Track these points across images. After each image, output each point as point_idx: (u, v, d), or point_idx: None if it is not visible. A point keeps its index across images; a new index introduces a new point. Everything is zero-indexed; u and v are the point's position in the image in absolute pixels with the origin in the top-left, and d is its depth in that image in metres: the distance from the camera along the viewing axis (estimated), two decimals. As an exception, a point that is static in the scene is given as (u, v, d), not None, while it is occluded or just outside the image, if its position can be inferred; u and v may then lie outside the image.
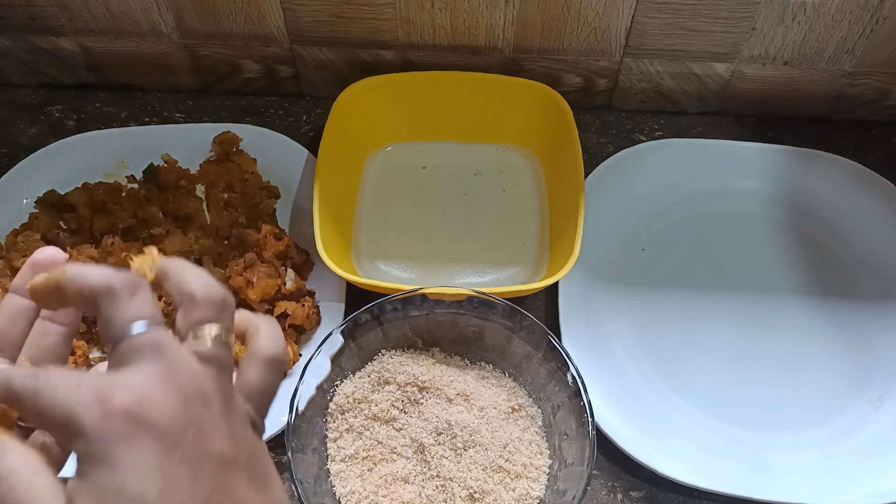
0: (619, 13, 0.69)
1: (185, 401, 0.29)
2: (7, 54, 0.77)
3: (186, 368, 0.30)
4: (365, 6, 0.70)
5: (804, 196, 0.73)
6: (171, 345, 0.30)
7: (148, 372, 0.29)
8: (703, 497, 0.59)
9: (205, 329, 0.32)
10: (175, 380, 0.29)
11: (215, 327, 0.32)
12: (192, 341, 0.31)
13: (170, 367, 0.29)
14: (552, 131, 0.71)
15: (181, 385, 0.29)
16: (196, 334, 0.32)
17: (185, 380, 0.30)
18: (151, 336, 0.30)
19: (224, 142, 0.72)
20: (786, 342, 0.65)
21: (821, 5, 0.68)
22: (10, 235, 0.67)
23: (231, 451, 0.30)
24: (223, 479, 0.29)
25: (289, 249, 0.66)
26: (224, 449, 0.29)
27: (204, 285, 0.32)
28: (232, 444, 0.30)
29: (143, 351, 0.30)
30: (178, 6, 0.71)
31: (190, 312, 0.32)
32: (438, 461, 0.55)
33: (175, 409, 0.29)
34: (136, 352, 0.30)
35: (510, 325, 0.58)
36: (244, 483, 0.30)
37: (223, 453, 0.29)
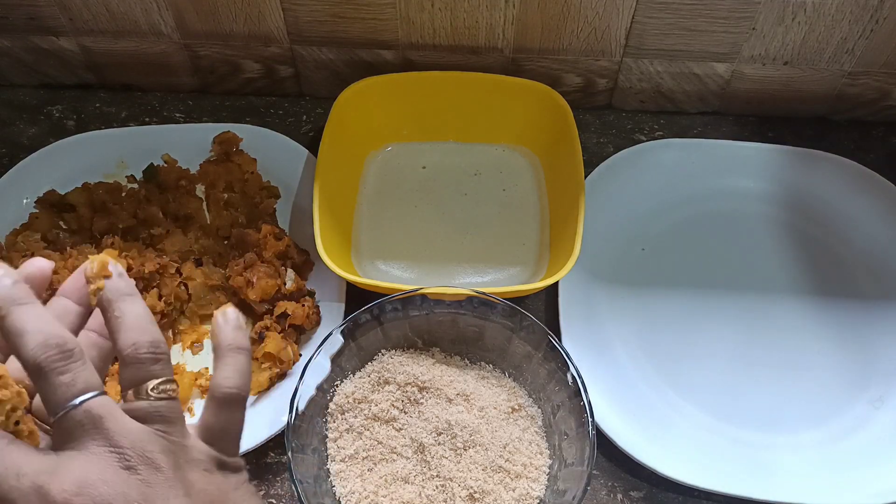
0: (619, 13, 0.69)
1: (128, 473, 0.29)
2: (7, 54, 0.77)
3: (126, 437, 0.30)
4: (365, 6, 0.70)
5: (804, 196, 0.73)
6: (107, 415, 0.30)
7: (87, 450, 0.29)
8: (703, 497, 0.59)
9: (143, 387, 0.32)
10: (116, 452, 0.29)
11: (153, 382, 0.32)
12: (134, 399, 0.31)
13: (108, 441, 0.29)
14: (552, 131, 0.71)
15: (123, 456, 0.29)
16: (136, 393, 0.32)
17: (127, 450, 0.30)
18: (87, 409, 0.30)
19: (224, 142, 0.72)
20: (786, 342, 0.65)
21: (821, 5, 0.68)
22: (10, 235, 0.67)
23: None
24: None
25: (289, 249, 0.66)
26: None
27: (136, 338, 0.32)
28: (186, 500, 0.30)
29: (80, 429, 0.30)
30: (178, 6, 0.71)
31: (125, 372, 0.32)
32: (438, 461, 0.55)
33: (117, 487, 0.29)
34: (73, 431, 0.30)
35: (510, 325, 0.58)
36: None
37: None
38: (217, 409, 0.34)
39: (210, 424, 0.34)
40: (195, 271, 0.65)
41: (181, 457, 0.31)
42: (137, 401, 0.31)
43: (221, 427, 0.34)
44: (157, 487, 0.30)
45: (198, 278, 0.65)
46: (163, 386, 0.32)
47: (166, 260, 0.64)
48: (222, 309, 0.36)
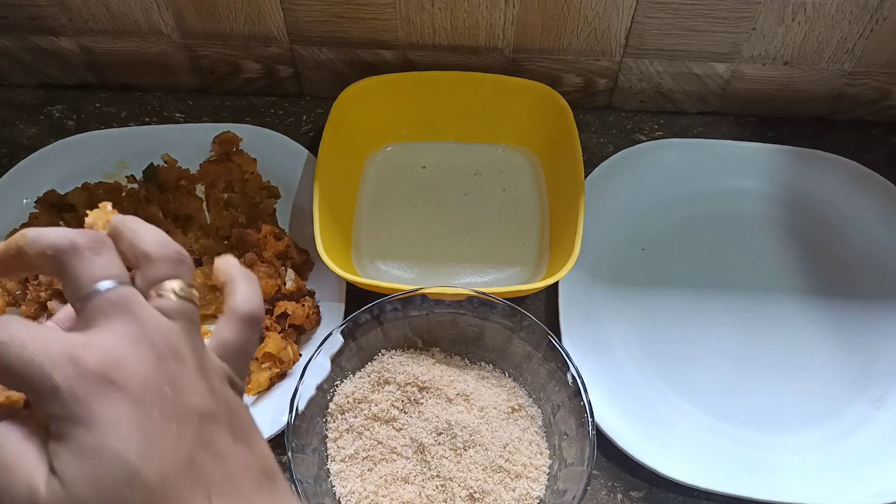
0: (619, 13, 0.69)
1: (158, 359, 0.28)
2: (7, 54, 0.77)
3: (156, 326, 0.29)
4: (365, 6, 0.70)
5: (804, 196, 0.73)
6: (138, 302, 0.30)
7: (118, 331, 0.28)
8: (703, 497, 0.59)
9: (166, 285, 0.31)
10: (146, 338, 0.29)
11: (176, 282, 0.31)
12: (156, 299, 0.31)
13: (139, 326, 0.29)
14: (552, 131, 0.71)
15: (152, 343, 0.29)
16: (158, 291, 0.31)
17: (156, 337, 0.29)
18: (118, 294, 0.29)
19: (224, 142, 0.72)
20: (786, 342, 0.65)
21: (821, 5, 0.68)
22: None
23: (210, 406, 0.29)
24: (205, 433, 0.28)
25: (289, 249, 0.66)
26: (203, 403, 0.29)
27: (158, 242, 0.32)
28: (211, 399, 0.29)
29: (111, 309, 0.29)
30: (178, 6, 0.71)
31: (148, 271, 0.31)
32: (438, 461, 0.55)
33: (149, 367, 0.28)
34: (104, 310, 0.29)
35: (510, 325, 0.58)
36: (226, 437, 0.29)
37: (202, 407, 0.29)
38: (237, 326, 0.34)
39: (227, 341, 0.33)
40: (195, 271, 0.65)
41: (203, 359, 0.31)
42: (161, 299, 0.31)
43: (238, 345, 0.33)
44: (184, 379, 0.29)
45: (198, 278, 0.65)
46: (187, 288, 0.31)
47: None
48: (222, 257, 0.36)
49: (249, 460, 0.30)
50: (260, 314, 0.34)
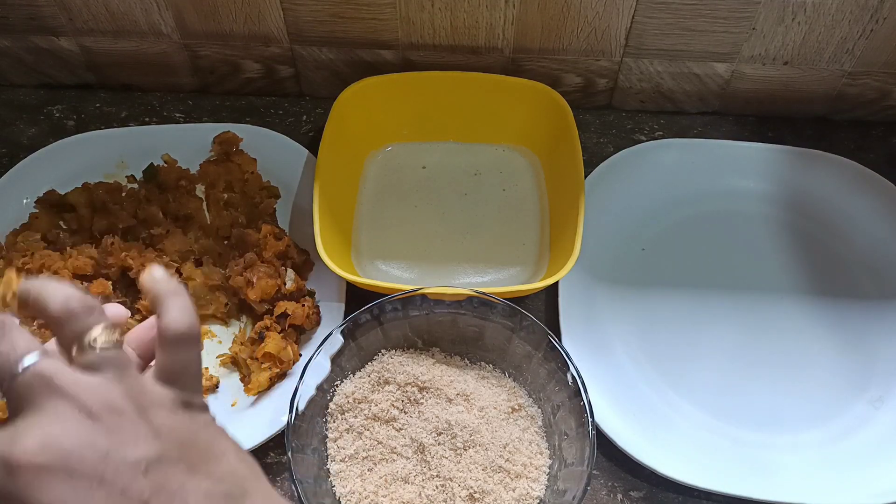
0: (619, 13, 0.69)
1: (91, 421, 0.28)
2: (7, 54, 0.77)
3: (82, 388, 0.29)
4: (365, 6, 0.70)
5: (804, 196, 0.73)
6: (57, 371, 0.29)
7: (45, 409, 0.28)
8: (703, 497, 0.59)
9: (84, 340, 0.31)
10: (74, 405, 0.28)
11: (94, 332, 0.31)
12: (79, 356, 0.31)
13: (64, 396, 0.29)
14: (552, 131, 0.71)
15: (82, 406, 0.28)
16: (80, 348, 0.31)
17: (86, 399, 0.29)
18: (34, 371, 0.29)
19: (224, 142, 0.72)
20: (786, 342, 0.65)
21: (821, 5, 0.68)
22: (10, 235, 0.67)
23: (156, 449, 0.29)
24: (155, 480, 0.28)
25: (289, 249, 0.66)
26: (147, 449, 0.29)
27: (63, 300, 0.31)
28: (155, 443, 0.29)
29: (31, 390, 0.29)
30: (178, 6, 0.71)
31: (62, 333, 0.31)
32: (438, 461, 0.55)
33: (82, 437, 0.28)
34: (26, 393, 0.29)
35: (510, 325, 0.58)
36: (180, 473, 0.29)
37: (147, 454, 0.29)
38: (172, 349, 0.33)
39: (167, 366, 0.33)
40: (195, 271, 0.65)
41: (142, 400, 0.30)
42: (83, 355, 0.30)
43: (179, 367, 0.33)
44: (123, 432, 0.29)
45: (198, 278, 0.65)
46: (104, 334, 0.31)
47: (166, 260, 0.64)
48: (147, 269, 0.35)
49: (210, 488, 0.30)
50: (194, 329, 0.34)
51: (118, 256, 0.64)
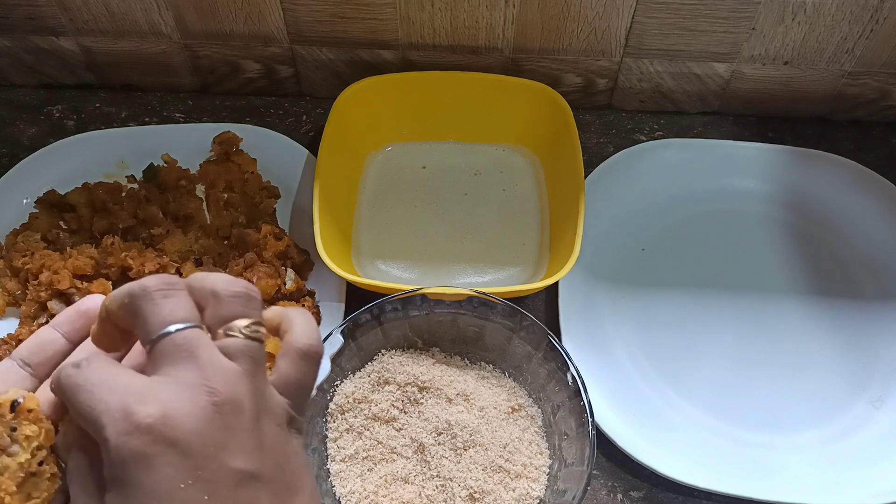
0: (619, 13, 0.69)
1: (214, 410, 0.29)
2: (7, 54, 0.77)
3: (218, 372, 0.30)
4: (365, 6, 0.70)
5: (804, 196, 0.73)
6: (203, 345, 0.30)
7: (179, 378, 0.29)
8: (703, 497, 0.59)
9: (234, 324, 0.31)
10: (205, 386, 0.29)
11: (244, 321, 0.32)
12: (223, 338, 0.31)
13: (201, 372, 0.29)
14: (552, 131, 0.71)
15: (211, 390, 0.29)
16: (226, 330, 0.31)
17: (217, 385, 0.29)
18: (184, 337, 0.30)
19: (224, 142, 0.72)
20: (786, 342, 0.65)
21: (821, 5, 0.68)
22: (10, 235, 0.67)
23: (254, 467, 0.29)
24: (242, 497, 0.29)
25: (289, 249, 0.66)
26: (246, 465, 0.29)
27: (226, 281, 0.32)
28: (257, 458, 0.30)
29: (175, 353, 0.30)
30: (178, 6, 0.71)
31: (216, 309, 0.32)
32: (438, 461, 0.55)
33: (199, 421, 0.28)
34: (169, 354, 0.30)
35: (510, 325, 0.58)
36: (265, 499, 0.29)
37: (244, 470, 0.29)
38: (297, 361, 0.34)
39: (288, 376, 0.33)
40: (195, 271, 0.65)
41: (262, 404, 0.31)
42: (227, 339, 0.31)
43: (299, 380, 0.33)
44: (235, 434, 0.29)
45: (198, 278, 0.65)
46: (254, 326, 0.32)
47: (166, 260, 0.64)
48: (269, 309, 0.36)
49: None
50: (319, 348, 0.34)
51: (118, 256, 0.64)
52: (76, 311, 0.37)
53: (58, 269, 0.62)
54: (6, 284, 0.65)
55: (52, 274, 0.62)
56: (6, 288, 0.65)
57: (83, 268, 0.63)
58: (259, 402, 0.30)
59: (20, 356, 0.35)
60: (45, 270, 0.63)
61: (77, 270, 0.63)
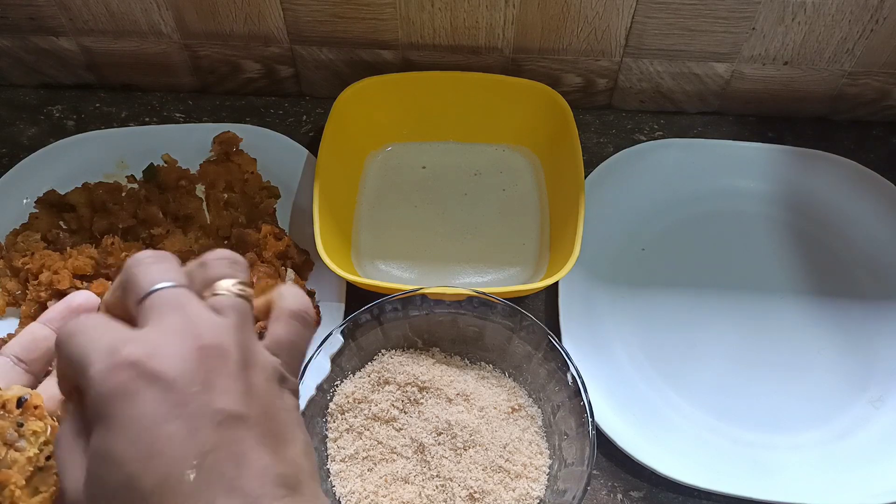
0: (619, 13, 0.69)
1: (197, 352, 0.29)
2: (7, 54, 0.77)
3: (204, 319, 0.30)
4: (365, 6, 0.70)
5: (804, 196, 0.73)
6: (191, 300, 0.31)
7: (165, 324, 0.30)
8: (703, 497, 0.59)
9: (220, 284, 0.32)
10: (191, 331, 0.30)
11: (230, 281, 0.32)
12: (211, 297, 0.32)
13: (187, 319, 0.30)
14: (552, 131, 0.71)
15: (197, 335, 0.29)
16: (213, 291, 0.32)
17: (203, 331, 0.30)
18: (171, 292, 0.31)
19: (224, 142, 0.72)
20: (786, 342, 0.65)
21: (821, 5, 0.68)
22: (10, 235, 0.67)
23: (239, 409, 0.29)
24: (225, 436, 0.29)
25: (289, 249, 0.66)
26: (231, 405, 0.29)
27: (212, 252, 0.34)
28: (243, 401, 0.30)
29: (162, 306, 0.30)
30: (178, 6, 0.71)
31: (202, 272, 0.33)
32: (438, 461, 0.55)
33: (184, 361, 0.29)
34: (156, 307, 0.30)
35: (510, 325, 0.58)
36: (251, 442, 0.29)
37: (229, 410, 0.29)
38: (287, 322, 0.34)
39: (279, 336, 0.34)
40: (195, 271, 0.65)
41: (250, 357, 0.31)
42: (214, 296, 0.32)
43: (291, 340, 0.34)
44: (220, 376, 0.29)
45: (198, 278, 0.65)
46: (241, 285, 0.33)
47: (166, 260, 0.64)
48: None
49: (270, 467, 0.29)
50: (311, 312, 0.35)
51: (118, 256, 0.64)
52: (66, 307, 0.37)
53: (58, 269, 0.62)
54: (6, 284, 0.65)
55: (52, 274, 0.62)
56: (6, 288, 0.65)
57: (83, 268, 0.63)
58: (246, 354, 0.31)
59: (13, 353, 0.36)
60: (45, 270, 0.63)
61: (77, 270, 0.63)
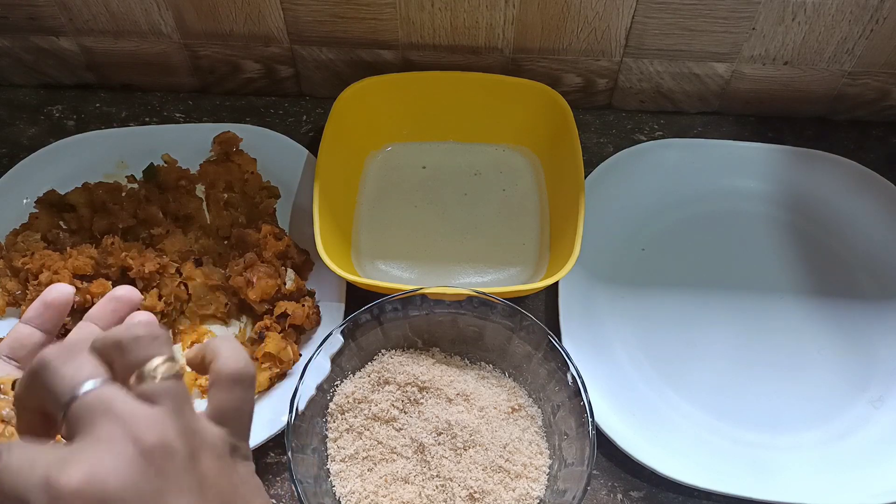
0: (619, 13, 0.69)
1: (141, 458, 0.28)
2: (7, 54, 0.77)
3: (140, 420, 0.28)
4: (365, 6, 0.70)
5: (804, 196, 0.73)
6: (117, 399, 0.29)
7: (100, 437, 0.28)
8: (703, 497, 0.59)
9: (145, 369, 0.30)
10: (129, 436, 0.28)
11: (155, 361, 0.30)
12: (138, 385, 0.30)
13: (122, 425, 0.28)
14: (552, 131, 0.71)
15: (136, 439, 0.28)
16: (138, 378, 0.30)
17: (141, 432, 0.28)
18: (95, 395, 0.29)
19: (224, 142, 0.72)
20: (786, 342, 0.65)
21: (821, 5, 0.68)
22: (10, 235, 0.67)
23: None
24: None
25: (289, 249, 0.66)
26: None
27: (125, 327, 0.31)
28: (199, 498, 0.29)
29: (90, 413, 0.28)
30: (178, 6, 0.71)
31: (123, 359, 0.31)
32: (438, 461, 0.55)
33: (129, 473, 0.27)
34: (84, 416, 0.29)
35: (510, 325, 0.58)
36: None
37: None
38: (228, 387, 0.32)
39: (222, 405, 0.32)
40: (195, 271, 0.65)
41: (195, 440, 0.30)
42: (142, 384, 0.30)
43: (234, 406, 0.32)
44: (170, 479, 0.28)
45: (198, 278, 0.65)
46: (166, 364, 0.30)
47: (166, 260, 0.64)
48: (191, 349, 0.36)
49: None
50: (249, 371, 0.33)
51: (118, 256, 0.64)
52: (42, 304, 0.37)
53: (58, 269, 0.62)
54: (6, 284, 0.65)
55: (52, 274, 0.62)
56: (6, 288, 0.65)
57: (83, 268, 0.63)
58: (191, 440, 0.29)
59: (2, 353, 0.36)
60: (45, 270, 0.63)
61: (77, 270, 0.63)
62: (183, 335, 0.65)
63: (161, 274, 0.64)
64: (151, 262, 0.63)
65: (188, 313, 0.65)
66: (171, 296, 0.63)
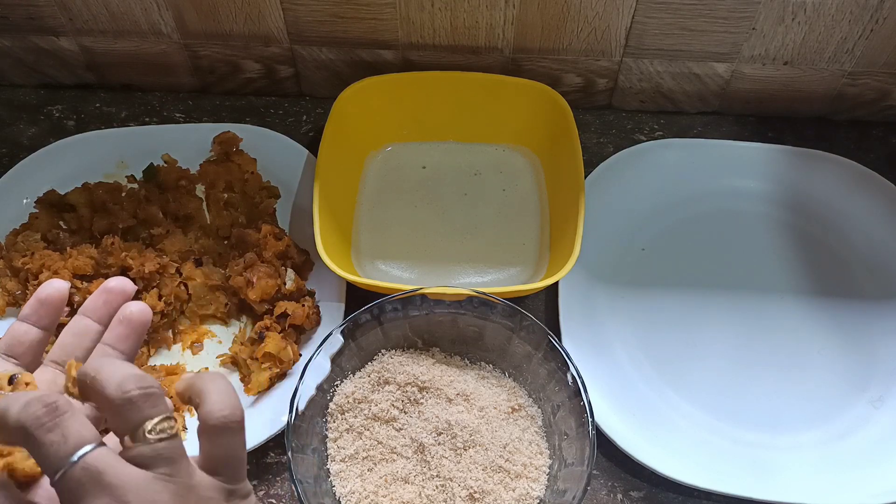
0: (619, 13, 0.69)
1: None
2: (7, 54, 0.77)
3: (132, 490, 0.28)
4: (365, 6, 0.70)
5: (804, 196, 0.73)
6: (109, 468, 0.29)
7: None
8: (703, 497, 0.59)
9: (139, 432, 0.30)
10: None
11: (150, 422, 0.30)
12: (132, 447, 0.30)
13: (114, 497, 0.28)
14: (552, 131, 0.71)
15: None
16: (134, 437, 0.30)
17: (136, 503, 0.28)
18: (83, 467, 0.29)
19: (224, 142, 0.72)
20: (786, 342, 0.65)
21: (821, 5, 0.68)
22: (10, 235, 0.67)
23: None
24: None
25: (289, 249, 0.66)
26: None
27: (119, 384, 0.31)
28: None
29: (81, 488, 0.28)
30: (178, 6, 0.71)
31: (117, 421, 0.30)
32: (438, 461, 0.55)
33: None
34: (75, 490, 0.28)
35: (510, 325, 0.58)
36: None
37: None
38: (216, 437, 0.32)
39: (212, 454, 0.32)
40: (195, 271, 0.65)
41: (190, 498, 0.30)
42: (137, 446, 0.30)
43: (224, 455, 0.33)
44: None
45: (198, 278, 0.65)
46: (161, 425, 0.30)
47: (166, 260, 0.64)
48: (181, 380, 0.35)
49: None
50: (237, 414, 0.33)
51: (118, 256, 0.64)
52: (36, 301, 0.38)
53: (58, 270, 0.62)
54: (6, 284, 0.65)
55: (52, 274, 0.62)
56: (6, 288, 0.65)
57: (83, 268, 0.63)
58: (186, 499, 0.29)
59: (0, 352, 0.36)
60: (45, 270, 0.63)
61: (77, 270, 0.63)
62: (183, 335, 0.65)
63: (161, 274, 0.64)
64: (151, 262, 0.63)
65: (188, 313, 0.65)
66: (171, 296, 0.63)
